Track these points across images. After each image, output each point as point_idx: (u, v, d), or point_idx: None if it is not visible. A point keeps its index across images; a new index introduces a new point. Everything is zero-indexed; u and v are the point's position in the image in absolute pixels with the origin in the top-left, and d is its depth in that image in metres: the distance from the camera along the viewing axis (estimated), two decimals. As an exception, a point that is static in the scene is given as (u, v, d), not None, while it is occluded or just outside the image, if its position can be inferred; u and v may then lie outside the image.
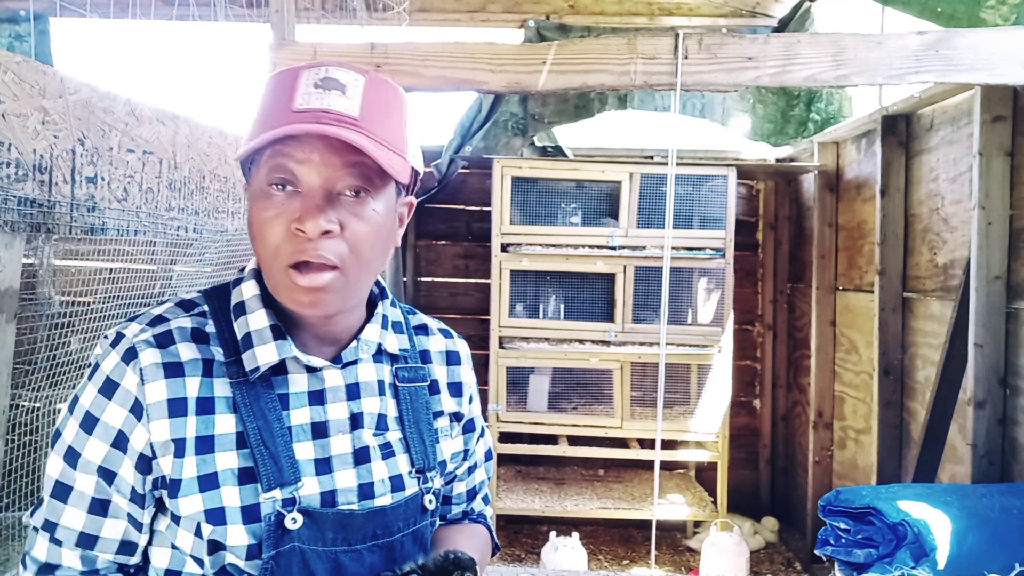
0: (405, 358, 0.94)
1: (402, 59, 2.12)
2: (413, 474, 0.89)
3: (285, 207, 0.78)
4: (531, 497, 3.81)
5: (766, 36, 2.11)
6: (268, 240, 0.78)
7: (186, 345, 0.82)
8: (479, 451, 1.06)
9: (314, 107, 0.77)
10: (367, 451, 0.86)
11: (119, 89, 1.87)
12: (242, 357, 0.83)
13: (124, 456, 0.79)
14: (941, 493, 2.08)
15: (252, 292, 0.86)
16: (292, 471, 0.81)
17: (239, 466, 0.80)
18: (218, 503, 0.79)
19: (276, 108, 0.79)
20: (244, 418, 0.81)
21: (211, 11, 3.22)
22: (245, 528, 0.79)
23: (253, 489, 0.80)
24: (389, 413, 0.90)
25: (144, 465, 0.80)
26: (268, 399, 0.83)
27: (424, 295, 4.40)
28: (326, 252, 0.77)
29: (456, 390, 1.00)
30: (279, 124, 0.76)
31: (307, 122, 0.76)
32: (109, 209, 1.82)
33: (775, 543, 4.04)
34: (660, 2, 4.06)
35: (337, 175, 0.78)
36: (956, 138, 2.74)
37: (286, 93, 0.79)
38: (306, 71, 0.80)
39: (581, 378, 3.73)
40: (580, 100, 4.07)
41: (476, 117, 3.81)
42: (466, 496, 1.06)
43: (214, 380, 0.82)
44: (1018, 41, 2.04)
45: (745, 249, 4.35)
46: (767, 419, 4.41)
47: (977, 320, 2.45)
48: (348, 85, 0.79)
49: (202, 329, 0.84)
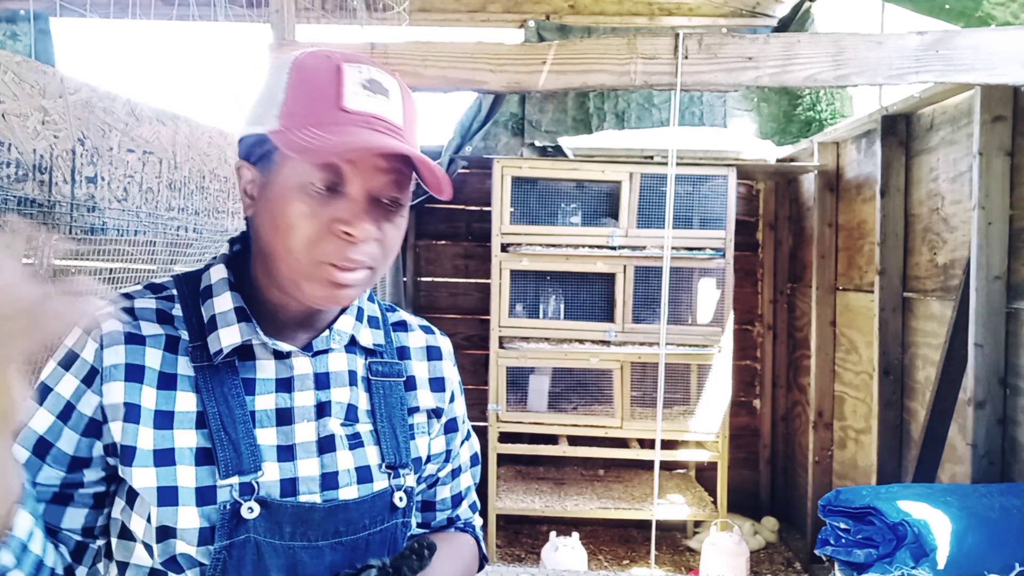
0: (380, 353, 0.93)
1: (402, 59, 2.12)
2: (383, 468, 0.87)
3: (325, 206, 0.78)
4: (531, 497, 3.81)
5: (766, 36, 2.11)
6: (302, 234, 0.78)
7: (148, 323, 0.82)
8: (464, 454, 1.04)
9: (366, 111, 0.78)
10: (332, 439, 0.85)
11: (119, 89, 1.87)
12: (207, 339, 0.82)
13: (64, 426, 0.77)
14: (941, 493, 2.08)
15: (220, 276, 0.86)
16: (252, 459, 0.80)
17: (197, 446, 0.79)
18: (172, 481, 0.77)
19: (321, 102, 0.78)
20: (205, 401, 0.80)
21: (211, 11, 3.21)
22: (198, 511, 0.77)
23: (210, 471, 0.79)
24: (360, 405, 0.89)
25: (93, 429, 0.78)
26: (232, 384, 0.82)
27: (424, 295, 4.40)
28: (365, 255, 0.79)
29: (438, 385, 0.98)
30: (329, 121, 0.76)
31: (360, 126, 0.77)
32: (109, 209, 1.82)
33: (775, 543, 4.04)
34: (660, 2, 4.06)
35: (382, 182, 0.79)
36: (956, 138, 2.74)
37: (331, 87, 0.78)
38: (347, 66, 0.80)
39: (581, 378, 3.73)
40: (578, 113, 4.08)
41: (476, 117, 3.81)
42: (451, 502, 1.03)
43: (178, 358, 0.82)
44: (1018, 41, 2.04)
45: (745, 249, 4.35)
46: (767, 419, 4.41)
47: (977, 320, 2.45)
48: (390, 90, 0.81)
49: (167, 311, 0.84)
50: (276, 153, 0.80)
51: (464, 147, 3.93)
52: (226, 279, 0.85)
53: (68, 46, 3.97)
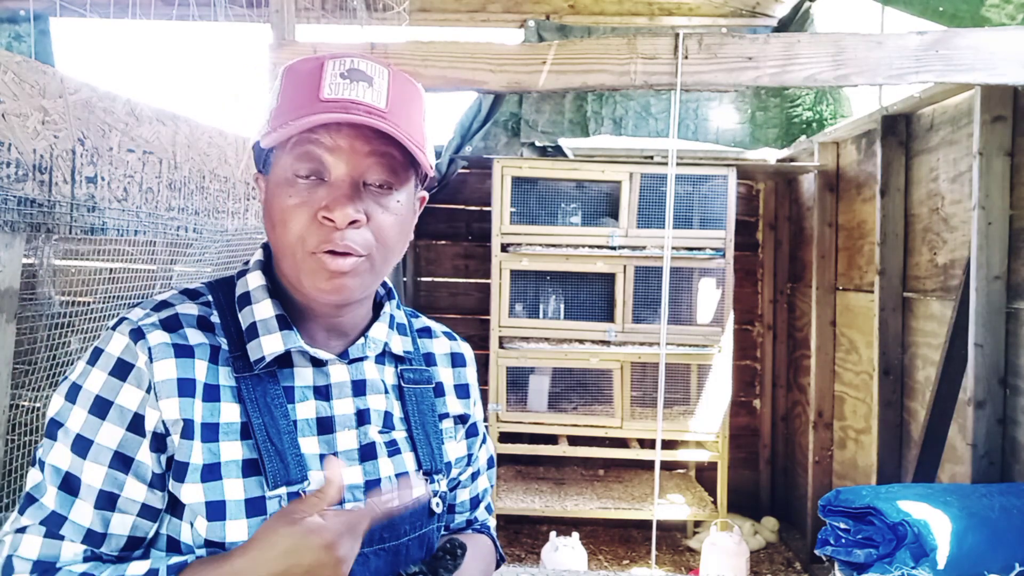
0: (410, 360, 0.94)
1: (402, 59, 2.12)
2: (420, 475, 0.88)
3: (311, 195, 0.78)
4: (531, 497, 3.81)
5: (766, 36, 2.11)
6: (292, 227, 0.78)
7: (193, 330, 0.81)
8: (482, 457, 1.05)
9: (342, 97, 0.77)
10: (373, 447, 0.85)
11: (119, 89, 1.87)
12: (247, 348, 0.81)
13: (142, 440, 0.77)
14: (941, 493, 2.07)
15: (258, 282, 0.85)
16: (299, 468, 0.79)
17: (244, 457, 0.79)
18: (219, 495, 0.77)
19: (302, 97, 0.78)
20: (249, 412, 0.79)
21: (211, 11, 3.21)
22: (248, 522, 0.77)
23: (258, 482, 0.78)
24: (395, 412, 0.89)
25: (159, 443, 0.77)
26: (274, 393, 0.81)
27: (424, 295, 4.40)
28: (352, 242, 0.78)
29: (463, 392, 0.99)
30: (307, 113, 0.76)
31: (337, 111, 0.76)
32: (109, 209, 1.82)
33: (775, 543, 4.04)
34: (660, 2, 4.06)
35: (365, 165, 0.78)
36: (956, 138, 2.74)
37: (312, 82, 0.78)
38: (331, 61, 0.80)
39: (581, 378, 3.73)
40: (576, 116, 4.09)
41: (476, 117, 3.81)
42: (469, 504, 1.04)
43: (219, 368, 0.81)
44: (1018, 41, 2.04)
45: (745, 249, 4.35)
46: (767, 419, 4.41)
47: (977, 320, 2.45)
48: (374, 77, 0.80)
49: (207, 318, 0.83)
50: (271, 155, 0.82)
51: (464, 147, 3.93)
52: (265, 286, 0.85)
53: (68, 46, 3.97)
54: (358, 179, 0.79)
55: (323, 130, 0.77)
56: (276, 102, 0.81)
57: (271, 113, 0.81)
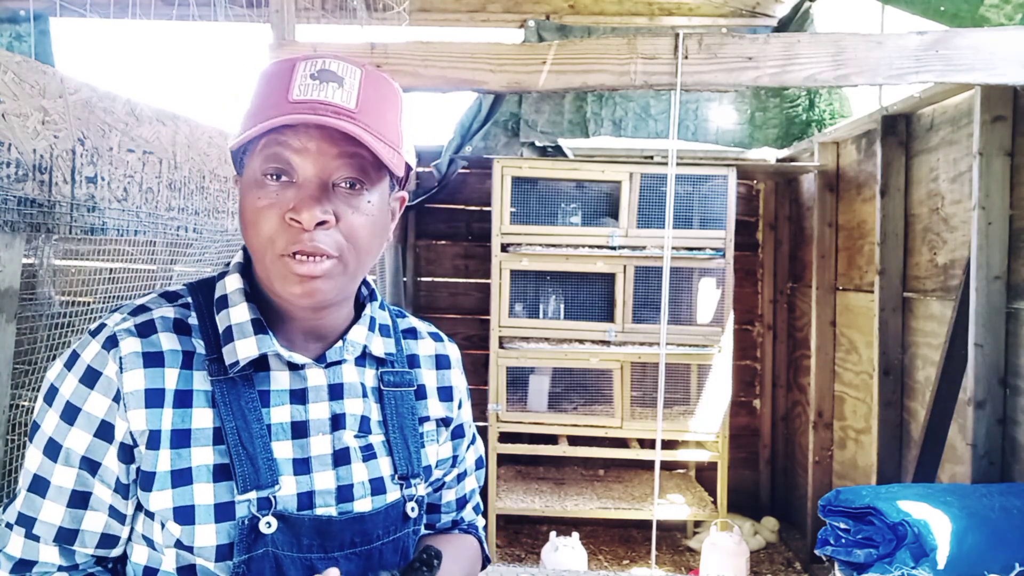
0: (391, 362, 0.93)
1: (402, 59, 2.12)
2: (395, 480, 0.88)
3: (280, 197, 0.77)
4: (531, 497, 3.81)
5: (766, 36, 2.11)
6: (262, 230, 0.78)
7: (167, 335, 0.81)
8: (469, 459, 1.04)
9: (311, 98, 0.76)
10: (347, 452, 0.85)
11: (119, 89, 1.87)
12: (223, 351, 0.82)
13: (109, 446, 0.78)
14: (941, 493, 2.07)
15: (235, 286, 0.85)
16: (269, 473, 0.80)
17: (215, 462, 0.79)
18: (188, 500, 0.77)
19: (271, 98, 0.78)
20: (223, 416, 0.79)
21: (211, 11, 3.22)
22: (216, 527, 0.77)
23: (228, 487, 0.78)
24: (372, 416, 0.89)
25: (126, 454, 0.79)
26: (248, 397, 0.81)
27: (424, 295, 4.40)
28: (321, 243, 0.77)
29: (446, 394, 0.98)
30: (275, 114, 0.75)
31: (303, 112, 0.75)
32: (109, 209, 1.82)
33: (775, 543, 4.04)
34: (660, 2, 4.06)
35: (333, 166, 0.78)
36: (956, 138, 2.74)
37: (282, 84, 0.78)
38: (302, 63, 0.79)
39: (581, 378, 3.73)
40: (575, 117, 4.09)
41: (476, 117, 3.81)
42: (455, 505, 1.04)
43: (194, 373, 0.81)
44: (1018, 41, 2.04)
45: (745, 249, 4.35)
46: (767, 419, 4.41)
47: (977, 320, 2.45)
48: (345, 78, 0.79)
49: (185, 320, 0.84)
50: (244, 158, 0.82)
51: (464, 147, 3.93)
52: (242, 289, 0.85)
53: (68, 46, 3.98)
54: (326, 180, 0.78)
55: (291, 132, 0.77)
56: (249, 104, 0.81)
57: (244, 115, 0.81)
